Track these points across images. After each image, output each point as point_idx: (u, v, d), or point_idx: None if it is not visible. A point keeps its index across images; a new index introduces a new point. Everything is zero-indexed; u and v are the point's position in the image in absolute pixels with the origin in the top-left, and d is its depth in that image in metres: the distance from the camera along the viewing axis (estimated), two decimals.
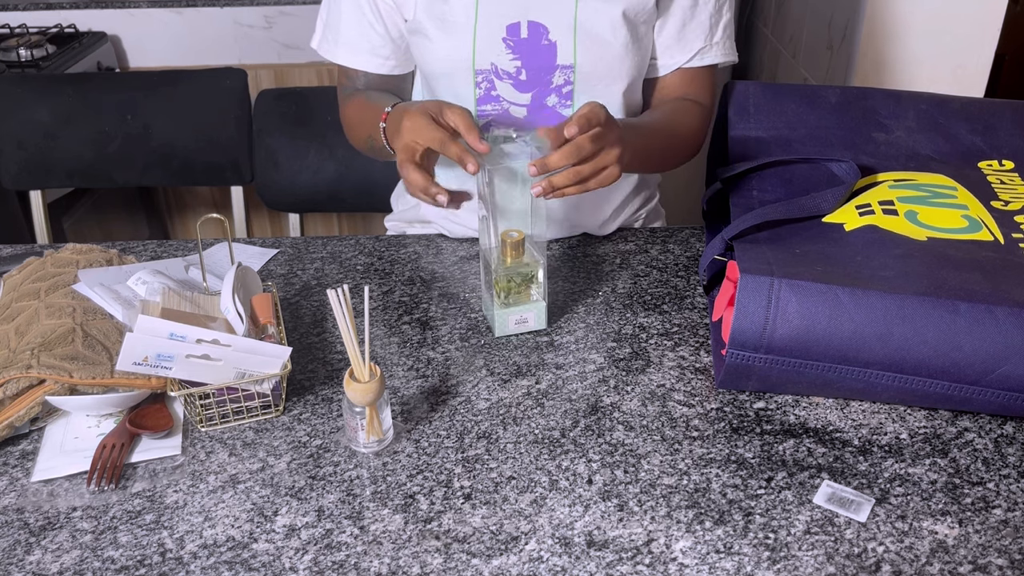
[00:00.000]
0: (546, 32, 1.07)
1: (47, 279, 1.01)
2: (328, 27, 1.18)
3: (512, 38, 1.08)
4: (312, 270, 1.17)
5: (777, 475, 0.82)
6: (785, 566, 0.73)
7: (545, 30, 1.07)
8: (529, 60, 1.09)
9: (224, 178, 1.79)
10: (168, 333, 0.85)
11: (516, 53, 1.09)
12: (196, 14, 2.57)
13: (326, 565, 0.74)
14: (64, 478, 0.83)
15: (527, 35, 1.08)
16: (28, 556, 0.75)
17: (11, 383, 0.85)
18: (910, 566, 0.73)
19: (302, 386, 0.95)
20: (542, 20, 1.07)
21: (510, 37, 1.08)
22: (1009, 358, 0.82)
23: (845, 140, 1.12)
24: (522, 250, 0.98)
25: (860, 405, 0.91)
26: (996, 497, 0.80)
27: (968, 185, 1.03)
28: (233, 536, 0.77)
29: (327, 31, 1.19)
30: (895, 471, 0.83)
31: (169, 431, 0.88)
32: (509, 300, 1.00)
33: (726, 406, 0.91)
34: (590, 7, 1.07)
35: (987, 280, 0.86)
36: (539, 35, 1.08)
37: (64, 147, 1.74)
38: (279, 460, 0.85)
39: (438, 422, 0.90)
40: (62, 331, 0.91)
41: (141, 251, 1.21)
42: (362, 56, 1.17)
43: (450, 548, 0.75)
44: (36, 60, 2.28)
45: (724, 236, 0.96)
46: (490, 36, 1.08)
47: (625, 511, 0.79)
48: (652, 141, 1.10)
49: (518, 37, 1.08)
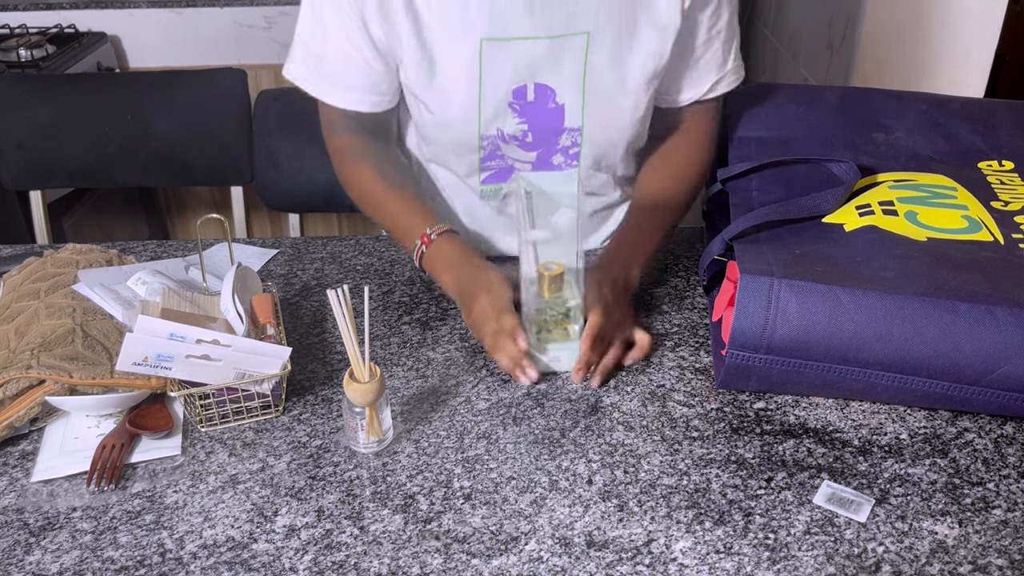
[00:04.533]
0: (553, 95, 1.02)
1: (47, 279, 1.01)
2: (311, 56, 1.04)
3: (519, 101, 1.03)
4: (312, 270, 1.17)
5: (777, 475, 0.82)
6: (785, 566, 0.73)
7: (552, 92, 1.02)
8: (536, 123, 1.04)
9: (224, 178, 1.79)
10: (168, 333, 0.85)
11: (522, 116, 1.04)
12: (196, 14, 2.57)
13: (326, 565, 0.74)
14: (64, 478, 0.83)
15: (533, 98, 1.02)
16: (28, 556, 0.75)
17: (11, 383, 0.85)
18: (910, 566, 0.73)
19: (302, 386, 0.95)
20: (549, 83, 1.01)
21: (516, 101, 1.02)
22: (1009, 358, 0.82)
23: (845, 140, 1.12)
24: (561, 284, 0.91)
25: (860, 405, 0.91)
26: (996, 497, 0.80)
27: (968, 185, 1.03)
28: (233, 536, 0.77)
29: (309, 59, 1.04)
30: (895, 471, 0.83)
31: (169, 431, 0.88)
32: (541, 336, 0.93)
33: (726, 406, 0.91)
34: (600, 71, 1.01)
35: (987, 280, 0.86)
36: (546, 98, 1.02)
37: (64, 147, 1.74)
38: (279, 460, 0.85)
39: (438, 422, 0.90)
40: (62, 331, 0.91)
41: (141, 251, 1.21)
42: (355, 94, 1.05)
43: (450, 548, 0.75)
44: (36, 60, 2.28)
45: (724, 236, 0.96)
46: (496, 103, 1.02)
47: (625, 511, 0.78)
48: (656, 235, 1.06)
49: (524, 100, 1.02)
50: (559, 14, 0.95)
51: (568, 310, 0.91)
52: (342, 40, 1.00)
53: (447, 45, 0.98)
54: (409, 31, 0.96)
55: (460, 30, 0.96)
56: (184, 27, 2.59)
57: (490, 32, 0.95)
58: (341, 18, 0.99)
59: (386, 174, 1.07)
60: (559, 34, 0.96)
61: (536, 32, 0.96)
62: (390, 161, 1.09)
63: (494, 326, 0.92)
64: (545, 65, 1.00)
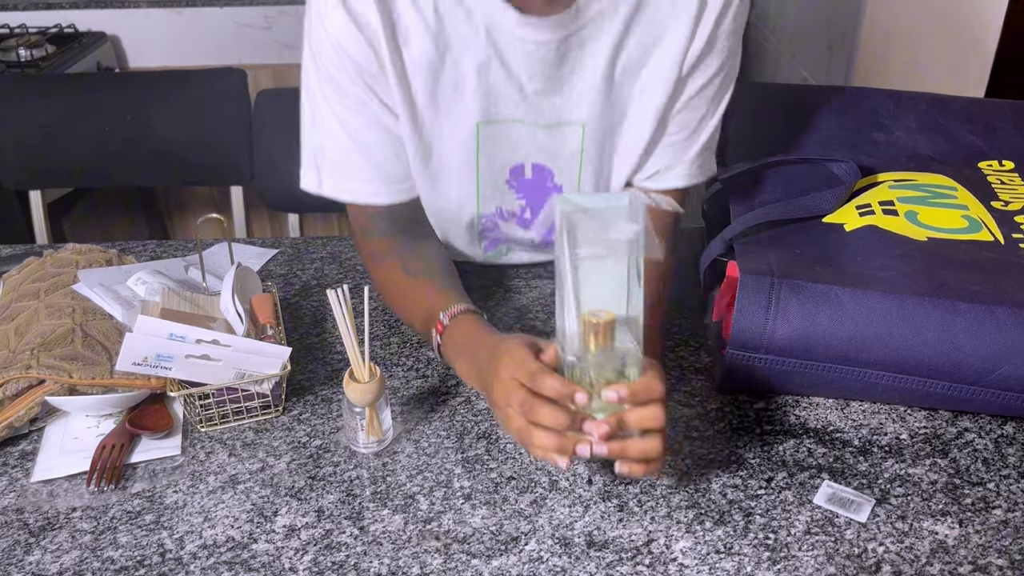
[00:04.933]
0: (551, 175, 0.99)
1: (47, 279, 1.01)
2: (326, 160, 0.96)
3: (516, 180, 1.00)
4: (312, 270, 1.17)
5: (777, 475, 0.82)
6: (785, 566, 0.73)
7: (550, 173, 0.99)
8: (535, 200, 1.02)
9: (224, 178, 1.79)
10: (168, 333, 0.85)
11: (521, 193, 1.01)
12: (196, 14, 2.57)
13: (326, 565, 0.74)
14: (64, 478, 0.83)
15: (531, 176, 0.99)
16: (28, 556, 0.75)
17: (10, 383, 0.85)
18: (910, 566, 0.73)
19: (302, 386, 0.95)
20: (546, 164, 0.98)
21: (514, 179, 1.00)
22: (1009, 358, 0.82)
23: (845, 140, 1.12)
24: (611, 336, 0.72)
25: (860, 405, 0.91)
26: (996, 497, 0.80)
27: (968, 185, 1.03)
28: (233, 536, 0.77)
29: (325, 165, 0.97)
30: (895, 471, 0.83)
31: (169, 431, 0.88)
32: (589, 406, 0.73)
33: (726, 406, 0.91)
34: (595, 157, 0.97)
35: (987, 280, 0.86)
36: (544, 177, 1.00)
37: (64, 147, 1.74)
38: (279, 460, 0.85)
39: (438, 422, 0.90)
40: (62, 331, 0.91)
41: (141, 251, 1.21)
42: (378, 186, 0.96)
43: (450, 548, 0.75)
44: (36, 60, 2.28)
45: (724, 236, 0.96)
46: (493, 181, 0.99)
47: (625, 511, 0.78)
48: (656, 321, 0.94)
49: (522, 178, 1.00)
50: (551, 104, 0.93)
51: (624, 366, 0.73)
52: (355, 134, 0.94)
53: (443, 129, 0.94)
54: (405, 116, 0.93)
55: (455, 114, 0.93)
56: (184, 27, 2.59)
57: (485, 115, 0.93)
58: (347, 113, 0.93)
59: (409, 267, 0.99)
60: (554, 123, 0.94)
61: (531, 119, 0.94)
62: (416, 252, 1.00)
63: (526, 397, 0.73)
64: (542, 148, 0.97)
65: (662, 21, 0.89)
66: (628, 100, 0.94)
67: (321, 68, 0.91)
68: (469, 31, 0.87)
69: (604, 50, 0.89)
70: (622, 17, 0.88)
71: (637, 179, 1.00)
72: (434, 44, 0.88)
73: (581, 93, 0.92)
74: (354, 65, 0.89)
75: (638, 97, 0.93)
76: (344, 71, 0.89)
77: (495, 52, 0.88)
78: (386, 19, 0.86)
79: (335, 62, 0.89)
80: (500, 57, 0.89)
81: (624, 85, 0.92)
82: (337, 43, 0.88)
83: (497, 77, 0.90)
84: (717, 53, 0.91)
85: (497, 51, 0.88)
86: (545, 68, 0.89)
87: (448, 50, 0.88)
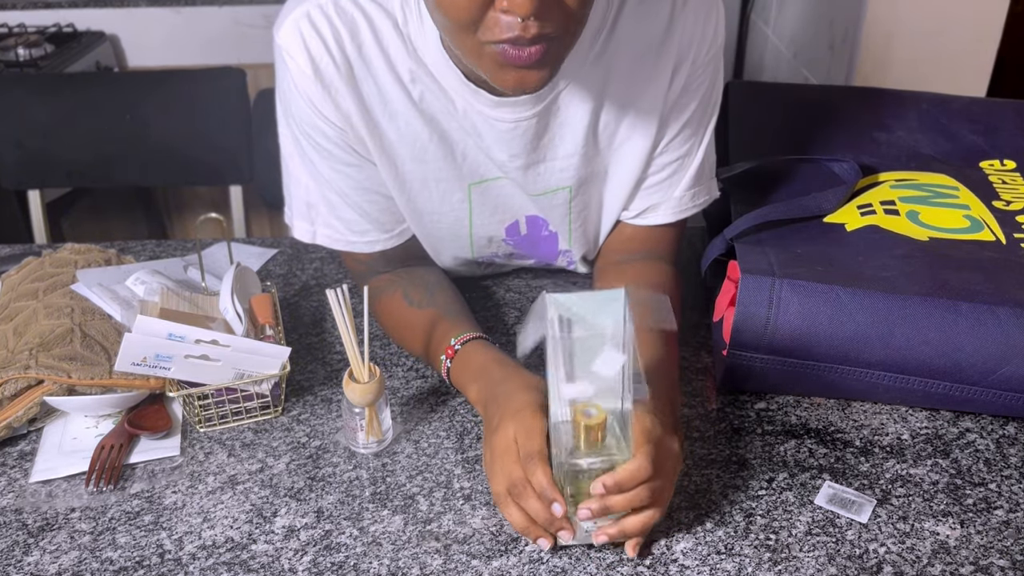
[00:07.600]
0: (546, 224, 0.99)
1: (45, 279, 1.00)
2: (318, 213, 0.95)
3: (512, 237, 1.00)
4: (311, 270, 1.17)
5: (778, 476, 0.82)
6: (786, 567, 0.73)
7: (544, 222, 0.98)
8: (531, 250, 1.03)
9: (223, 178, 1.78)
10: (167, 333, 0.85)
11: (517, 246, 1.02)
12: (195, 13, 2.57)
13: (325, 566, 0.74)
14: (62, 479, 0.83)
15: (526, 231, 0.99)
16: (27, 557, 0.75)
17: (9, 384, 0.85)
18: (911, 567, 0.73)
19: (301, 387, 0.95)
20: (540, 214, 0.97)
21: (510, 237, 1.00)
22: (1011, 359, 0.82)
23: (846, 140, 1.11)
24: (602, 435, 0.70)
25: (861, 406, 0.91)
26: (998, 498, 0.80)
27: (970, 185, 1.03)
28: (232, 537, 0.77)
29: (316, 216, 0.95)
30: (896, 472, 0.82)
31: (168, 432, 0.88)
32: (577, 499, 0.72)
33: (727, 406, 0.91)
34: (584, 214, 0.97)
35: (989, 280, 0.86)
36: (539, 227, 0.99)
37: (63, 147, 1.74)
38: (278, 461, 0.85)
39: (438, 423, 0.89)
40: (60, 331, 0.91)
41: (140, 251, 1.21)
42: (373, 235, 0.96)
43: (450, 549, 0.75)
44: (35, 60, 2.27)
45: (725, 236, 0.96)
46: (488, 235, 0.99)
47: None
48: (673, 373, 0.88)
49: (518, 235, 1.00)
50: (536, 173, 0.92)
51: (613, 467, 0.70)
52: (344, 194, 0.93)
53: (432, 192, 0.93)
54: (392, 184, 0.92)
55: (445, 179, 0.92)
56: (183, 26, 2.58)
57: (475, 177, 0.92)
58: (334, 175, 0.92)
59: (412, 297, 0.97)
60: (540, 192, 0.93)
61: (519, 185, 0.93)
62: (416, 281, 0.99)
63: (517, 474, 0.73)
64: (533, 201, 0.96)
65: (640, 73, 0.88)
66: (610, 155, 0.93)
67: (303, 133, 0.90)
68: (451, 110, 0.86)
69: (584, 113, 0.88)
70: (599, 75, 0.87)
71: (625, 216, 0.99)
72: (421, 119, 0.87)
73: (566, 158, 0.91)
74: (336, 132, 0.88)
75: (619, 149, 0.92)
76: (326, 138, 0.89)
77: (475, 132, 0.88)
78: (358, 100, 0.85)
79: (317, 131, 0.88)
80: (481, 138, 0.88)
81: (606, 141, 0.91)
82: (317, 113, 0.86)
83: (480, 153, 0.90)
84: (695, 89, 0.90)
85: (477, 132, 0.88)
86: (527, 143, 0.88)
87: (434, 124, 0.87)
